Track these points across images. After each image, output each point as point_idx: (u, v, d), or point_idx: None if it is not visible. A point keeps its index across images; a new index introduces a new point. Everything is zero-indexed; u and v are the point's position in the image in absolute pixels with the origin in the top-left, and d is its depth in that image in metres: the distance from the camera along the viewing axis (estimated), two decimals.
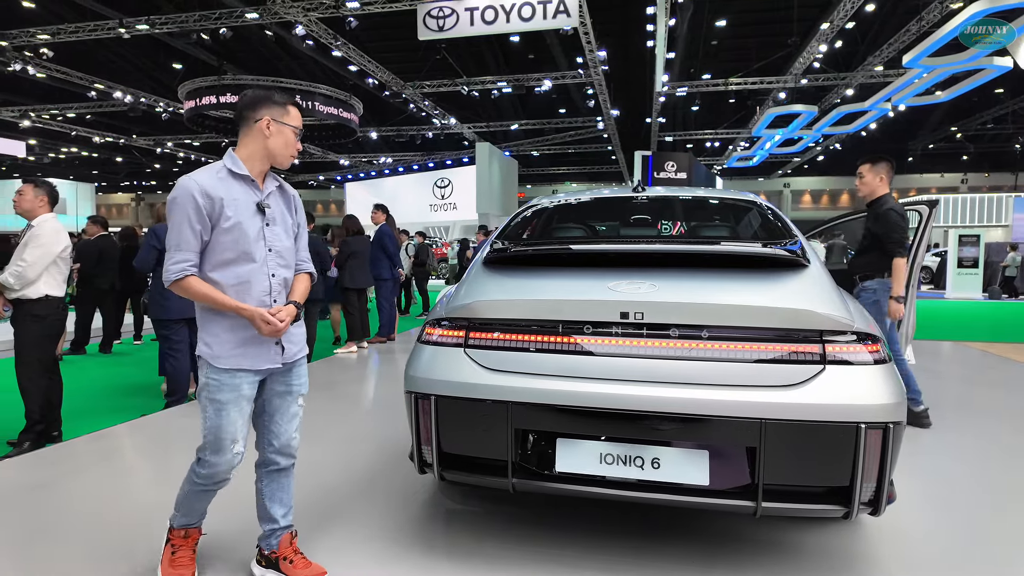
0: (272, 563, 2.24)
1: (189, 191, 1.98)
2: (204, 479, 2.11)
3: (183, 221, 1.98)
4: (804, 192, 37.04)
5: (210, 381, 2.07)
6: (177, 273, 1.99)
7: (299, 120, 2.19)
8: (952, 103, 17.28)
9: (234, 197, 2.05)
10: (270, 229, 2.13)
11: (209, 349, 2.07)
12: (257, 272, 2.08)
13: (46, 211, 3.88)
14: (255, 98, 2.12)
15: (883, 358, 2.10)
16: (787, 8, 15.99)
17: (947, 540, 2.58)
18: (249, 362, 2.08)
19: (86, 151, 29.20)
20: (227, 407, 2.06)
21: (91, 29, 14.63)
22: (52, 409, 3.97)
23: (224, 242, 2.03)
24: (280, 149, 2.13)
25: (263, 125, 2.09)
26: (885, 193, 4.10)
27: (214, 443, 2.08)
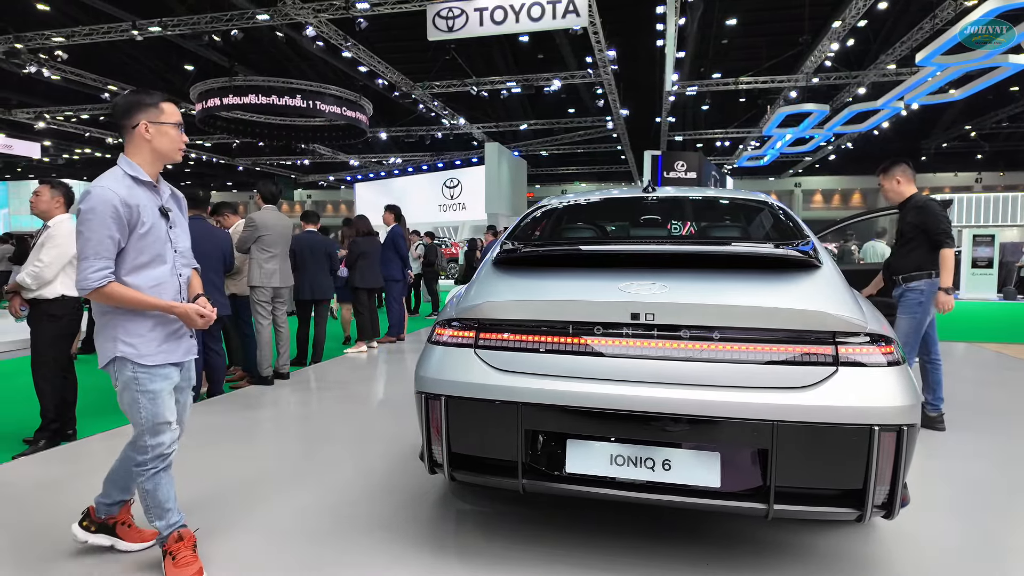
0: (107, 527, 2.40)
1: (109, 200, 2.04)
2: (154, 461, 2.20)
3: (103, 231, 2.04)
4: (815, 192, 36.75)
5: (139, 376, 2.14)
6: (99, 280, 2.04)
7: (176, 114, 2.24)
8: (966, 101, 17.05)
9: (144, 204, 2.15)
10: (173, 231, 2.26)
11: (134, 349, 2.13)
12: (169, 273, 2.22)
13: (62, 212, 3.93)
14: (127, 105, 2.17)
15: (897, 360, 2.08)
16: (798, 6, 15.87)
17: (962, 544, 2.55)
18: (175, 355, 2.23)
19: (99, 152, 29.47)
20: (161, 395, 2.18)
21: (104, 31, 14.77)
22: (67, 408, 4.02)
23: (139, 247, 2.13)
24: (166, 148, 2.20)
25: (142, 130, 2.16)
26: (914, 192, 4.06)
27: (152, 430, 2.18)
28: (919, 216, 3.90)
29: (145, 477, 2.20)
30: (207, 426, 4.22)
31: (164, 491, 2.24)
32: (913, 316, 3.91)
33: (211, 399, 4.95)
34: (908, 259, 3.97)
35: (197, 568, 2.20)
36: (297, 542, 2.52)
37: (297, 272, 6.20)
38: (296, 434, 4.24)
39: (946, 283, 3.78)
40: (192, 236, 4.97)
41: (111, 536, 2.41)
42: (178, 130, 2.23)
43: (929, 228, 3.84)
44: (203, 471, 3.35)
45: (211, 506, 2.87)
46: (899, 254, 4.06)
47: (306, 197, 41.30)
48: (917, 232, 3.91)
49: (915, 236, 3.93)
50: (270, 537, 2.57)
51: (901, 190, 4.06)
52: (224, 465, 3.47)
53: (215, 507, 2.86)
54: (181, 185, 5.41)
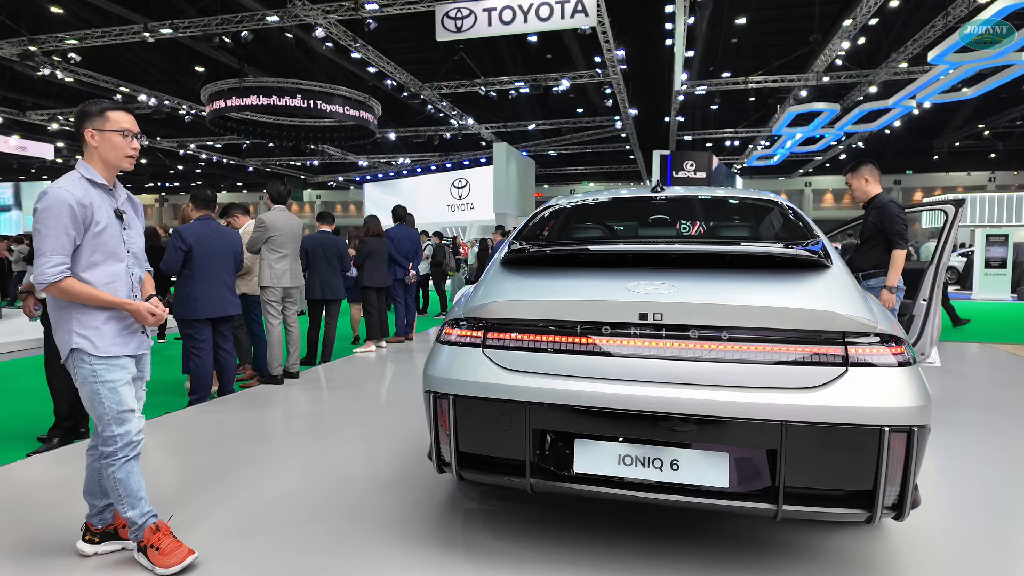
0: (109, 535, 2.44)
1: (65, 200, 2.15)
2: (124, 449, 2.26)
3: (59, 227, 2.14)
4: (826, 191, 36.47)
5: (96, 368, 2.22)
6: (55, 276, 2.14)
7: (125, 122, 2.30)
8: (979, 100, 16.88)
9: (99, 204, 2.25)
10: (127, 233, 2.36)
11: (89, 342, 2.22)
12: (123, 272, 2.31)
13: None
14: (78, 115, 2.29)
15: (907, 360, 2.07)
16: (809, 5, 15.76)
17: (973, 546, 2.53)
18: (127, 348, 2.31)
19: None
20: (120, 384, 2.26)
21: (117, 34, 14.91)
22: (79, 406, 4.06)
23: (94, 244, 2.22)
24: (110, 154, 2.28)
25: (88, 137, 2.27)
26: (879, 192, 4.19)
27: (117, 417, 2.25)
28: (878, 216, 4.03)
29: (116, 466, 2.25)
30: (217, 424, 4.26)
31: (136, 480, 2.29)
32: None
33: (222, 398, 4.99)
34: (866, 257, 4.12)
35: (185, 551, 2.25)
36: (306, 539, 2.54)
37: (309, 272, 6.23)
38: (305, 432, 4.26)
39: (891, 281, 3.92)
40: (203, 236, 4.98)
41: (117, 540, 2.45)
42: (124, 137, 2.29)
43: (886, 228, 3.97)
44: (212, 469, 3.38)
45: (221, 504, 2.89)
46: (859, 251, 4.23)
47: (316, 197, 41.50)
48: (876, 231, 4.04)
49: (874, 235, 4.06)
50: (278, 534, 2.59)
51: (868, 189, 4.20)
52: (233, 463, 3.50)
53: (224, 504, 2.88)
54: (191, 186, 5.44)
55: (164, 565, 2.22)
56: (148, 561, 2.26)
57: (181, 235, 4.62)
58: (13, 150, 22.33)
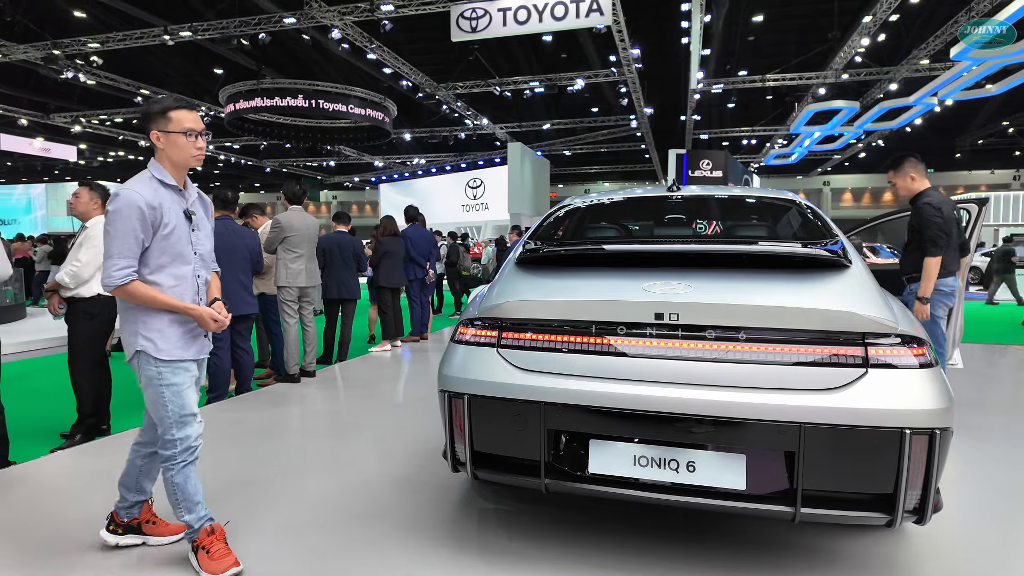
0: (133, 528, 2.47)
1: (135, 202, 2.12)
2: (183, 453, 2.25)
3: (127, 230, 2.12)
4: (845, 191, 36.01)
5: (161, 371, 2.22)
6: (122, 279, 2.13)
7: (188, 121, 2.24)
8: (1004, 96, 16.57)
9: (168, 205, 2.22)
10: (195, 235, 2.32)
11: (153, 344, 2.20)
12: (189, 275, 2.28)
13: (100, 213, 4.04)
14: (143, 115, 2.26)
15: (929, 362, 2.03)
16: (827, 2, 15.57)
17: (997, 552, 2.48)
18: (190, 352, 2.29)
19: (132, 154, 30.25)
20: (184, 387, 2.25)
21: (138, 37, 15.15)
22: (102, 403, 4.14)
23: (162, 247, 2.20)
24: (176, 155, 2.24)
25: (154, 139, 2.23)
26: (925, 188, 3.89)
27: (179, 422, 2.24)
28: (914, 218, 3.83)
29: (175, 471, 2.24)
30: (235, 423, 4.30)
31: (193, 484, 2.28)
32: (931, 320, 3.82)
33: (239, 396, 5.05)
34: (909, 260, 3.92)
35: (232, 560, 2.23)
36: (320, 537, 2.56)
37: (325, 272, 6.28)
38: (321, 431, 4.29)
39: (922, 292, 3.68)
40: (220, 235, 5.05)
41: (139, 535, 2.47)
42: (188, 138, 2.23)
43: (920, 232, 3.75)
44: (229, 467, 3.42)
45: (236, 501, 2.92)
46: (904, 253, 4.01)
47: (332, 198, 41.82)
48: (915, 234, 3.82)
49: (913, 238, 3.85)
50: (294, 532, 2.61)
51: (913, 187, 3.91)
52: (250, 461, 3.54)
53: (240, 502, 2.91)
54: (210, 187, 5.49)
55: (209, 571, 2.20)
56: (196, 563, 2.26)
57: None
58: (38, 152, 22.80)
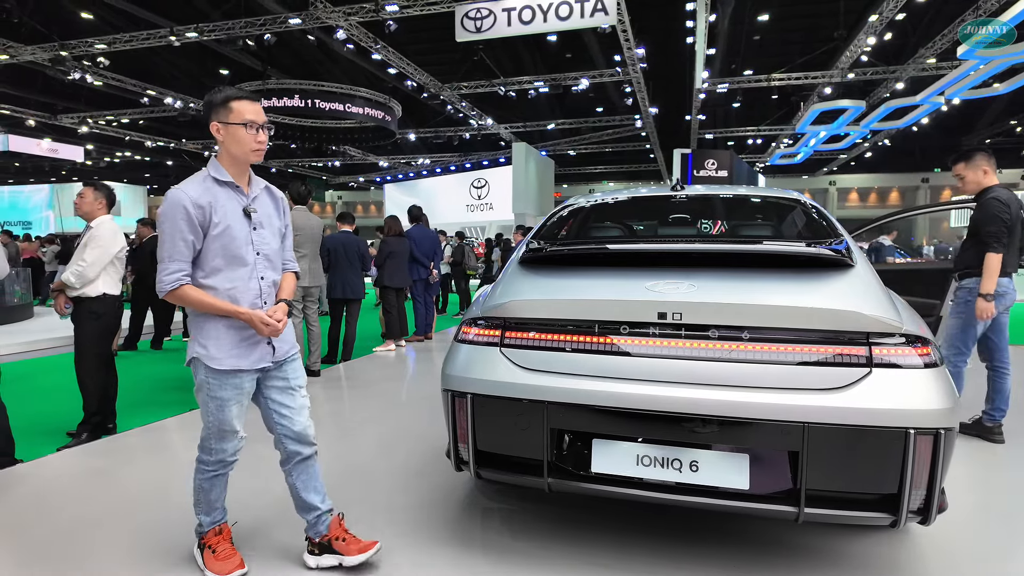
0: (325, 547, 2.30)
1: (180, 202, 2.04)
2: (214, 465, 2.22)
3: (175, 232, 2.04)
4: (851, 190, 35.81)
5: (210, 381, 2.13)
6: (172, 283, 2.05)
7: (249, 113, 2.12)
8: (1011, 95, 16.44)
9: (221, 204, 2.11)
10: (257, 233, 2.19)
11: (205, 351, 2.12)
12: (248, 276, 2.15)
13: (104, 213, 4.06)
14: (204, 106, 2.17)
15: (934, 361, 2.02)
16: (833, 1, 15.50)
17: (1002, 554, 2.47)
18: (247, 362, 2.16)
19: (139, 155, 30.39)
20: (229, 403, 2.15)
21: (144, 38, 15.22)
22: (108, 402, 4.16)
23: (213, 249, 2.09)
24: (235, 148, 2.13)
25: (214, 131, 2.14)
26: (994, 183, 3.76)
27: (218, 435, 2.18)
28: (978, 212, 3.69)
29: (203, 476, 2.24)
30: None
31: (218, 492, 2.28)
32: (959, 316, 3.74)
33: None
34: (962, 256, 3.81)
35: (237, 561, 2.23)
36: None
37: (330, 272, 6.29)
38: (325, 430, 4.30)
39: (985, 288, 3.56)
40: None
41: (334, 554, 2.28)
42: (248, 130, 2.12)
43: (980, 228, 3.63)
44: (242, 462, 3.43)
45: (239, 501, 2.93)
46: (960, 250, 3.90)
47: (337, 198, 41.90)
48: (976, 229, 3.69)
49: (973, 233, 3.72)
50: (296, 531, 2.61)
51: (984, 181, 3.76)
52: (253, 461, 3.55)
53: (244, 502, 2.92)
54: None
55: (214, 571, 2.20)
56: (201, 561, 2.26)
57: None
58: (45, 153, 22.96)
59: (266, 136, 2.17)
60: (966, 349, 3.77)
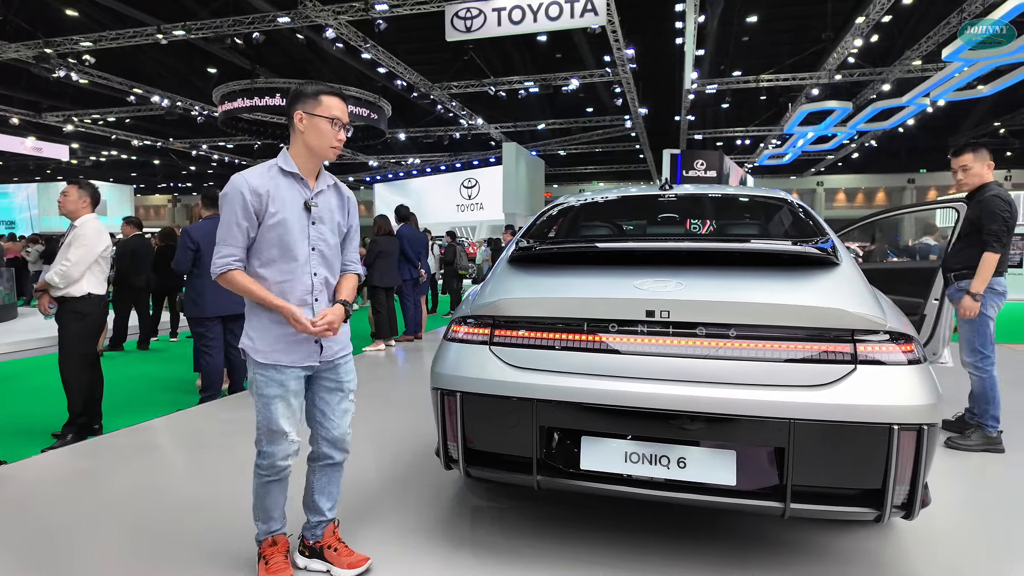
0: (316, 552, 2.29)
1: (238, 188, 2.03)
2: (267, 470, 2.16)
3: (231, 217, 2.03)
4: (838, 191, 36.12)
5: (256, 376, 2.11)
6: (221, 267, 2.04)
7: (336, 109, 2.12)
8: (995, 97, 16.66)
9: (281, 194, 2.08)
10: (315, 228, 2.14)
11: (251, 342, 2.11)
12: (299, 270, 2.11)
13: (88, 212, 4.02)
14: (291, 95, 2.14)
15: (917, 358, 2.05)
16: (821, 2, 15.63)
17: (984, 547, 2.50)
18: (288, 358, 2.11)
19: (125, 154, 30.10)
20: (274, 401, 2.10)
21: (130, 36, 15.07)
22: (93, 403, 4.12)
23: (269, 239, 2.06)
24: (315, 140, 2.11)
25: (297, 120, 2.10)
26: (990, 181, 3.67)
27: (268, 435, 2.13)
28: (977, 210, 3.60)
29: (259, 481, 2.18)
30: (229, 422, 4.29)
31: (273, 499, 2.20)
32: (972, 320, 3.59)
33: (232, 395, 5.03)
34: (959, 256, 3.70)
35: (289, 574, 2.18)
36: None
37: None
38: None
39: (976, 288, 3.51)
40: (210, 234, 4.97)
41: (323, 561, 2.28)
42: (332, 126, 2.11)
43: (983, 225, 3.53)
44: (223, 466, 3.41)
45: (230, 500, 2.91)
46: (953, 250, 3.78)
47: None
48: (973, 228, 3.61)
49: (971, 232, 3.64)
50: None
51: (984, 174, 3.67)
52: (244, 460, 3.53)
53: (234, 502, 2.90)
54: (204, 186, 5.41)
55: None
56: (256, 570, 2.22)
57: (189, 234, 4.66)
58: (30, 151, 22.65)
59: (345, 136, 2.16)
60: (990, 352, 3.64)
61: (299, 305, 2.09)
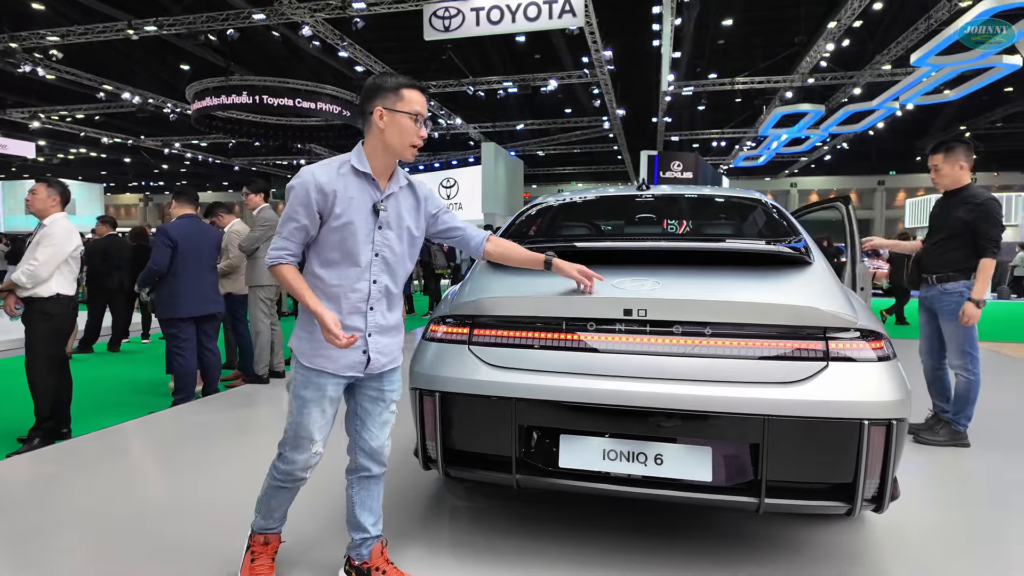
0: (363, 573, 2.16)
1: (305, 184, 1.92)
2: (282, 475, 2.08)
3: (292, 212, 1.94)
4: (811, 192, 36.78)
5: (297, 376, 2.03)
6: (273, 260, 1.97)
7: (418, 104, 1.98)
8: (961, 102, 17.11)
9: (350, 195, 1.94)
10: (381, 233, 2.00)
11: (299, 343, 2.03)
12: (359, 277, 1.98)
13: (58, 211, 3.93)
14: (367, 89, 1.99)
15: (887, 355, 2.10)
16: (794, 7, 15.91)
17: (951, 537, 2.58)
18: (332, 365, 1.99)
19: (95, 152, 29.40)
20: (309, 405, 2.00)
21: (100, 31, 14.73)
22: (61, 406, 4.02)
23: (331, 240, 1.95)
24: (395, 140, 1.96)
25: (376, 117, 1.95)
26: (969, 182, 3.66)
27: (293, 440, 2.04)
28: (972, 214, 3.51)
29: (271, 483, 2.11)
30: (202, 424, 4.22)
31: (279, 501, 2.14)
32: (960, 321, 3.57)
33: (206, 398, 4.95)
34: (946, 257, 3.63)
35: None
36: (290, 537, 2.52)
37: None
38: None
39: (979, 294, 3.47)
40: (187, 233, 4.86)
41: None
42: (414, 122, 1.96)
43: (979, 230, 3.48)
44: (196, 470, 3.36)
45: (205, 503, 2.87)
46: (935, 250, 3.70)
47: None
48: (965, 230, 3.54)
49: (960, 234, 3.56)
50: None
51: (959, 176, 3.64)
52: (219, 462, 3.47)
53: (209, 504, 2.86)
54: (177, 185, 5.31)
55: None
56: (241, 561, 2.17)
57: (167, 232, 4.57)
58: None
59: (426, 133, 2.03)
60: (977, 352, 3.66)
61: (351, 312, 1.98)
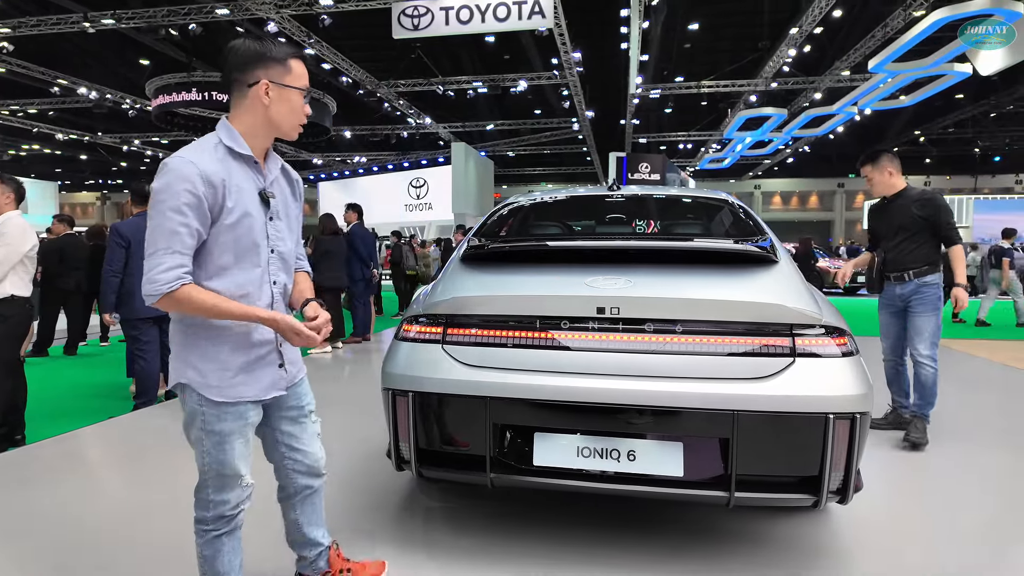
0: None
1: (186, 175, 1.53)
2: (212, 523, 1.73)
3: (175, 215, 1.52)
4: (775, 194, 37.74)
5: (205, 411, 1.66)
6: (170, 284, 1.52)
7: (306, 79, 1.74)
8: (916, 108, 17.80)
9: (237, 183, 1.63)
10: (273, 225, 1.72)
11: (201, 378, 1.65)
12: (259, 280, 1.69)
13: (12, 208, 3.77)
14: (247, 55, 1.65)
15: (851, 351, 2.16)
16: (758, 12, 16.29)
17: (912, 527, 2.66)
18: (252, 390, 1.70)
19: (48, 148, 28.33)
20: (230, 439, 1.69)
21: (53, 23, 14.21)
22: (16, 412, 3.87)
23: (224, 242, 1.61)
24: (283, 119, 1.69)
25: (260, 91, 1.64)
26: (904, 185, 3.86)
27: (217, 480, 1.71)
28: (926, 209, 3.71)
29: (202, 539, 1.74)
30: (164, 429, 4.11)
31: (225, 561, 1.75)
32: (936, 313, 3.74)
33: (169, 401, 4.81)
34: (916, 254, 3.78)
35: None
36: (262, 541, 2.48)
37: None
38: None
39: (962, 279, 3.71)
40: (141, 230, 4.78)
41: None
42: (304, 99, 1.72)
43: (940, 223, 3.70)
44: (158, 476, 3.27)
45: (169, 513, 2.79)
46: (903, 249, 3.82)
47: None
48: (924, 226, 3.73)
49: (921, 230, 3.74)
50: None
51: (892, 182, 3.85)
52: (182, 467, 3.38)
53: (173, 513, 2.78)
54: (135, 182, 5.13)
55: None
56: None
57: (119, 231, 4.44)
58: None
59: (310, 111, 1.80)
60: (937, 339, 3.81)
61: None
